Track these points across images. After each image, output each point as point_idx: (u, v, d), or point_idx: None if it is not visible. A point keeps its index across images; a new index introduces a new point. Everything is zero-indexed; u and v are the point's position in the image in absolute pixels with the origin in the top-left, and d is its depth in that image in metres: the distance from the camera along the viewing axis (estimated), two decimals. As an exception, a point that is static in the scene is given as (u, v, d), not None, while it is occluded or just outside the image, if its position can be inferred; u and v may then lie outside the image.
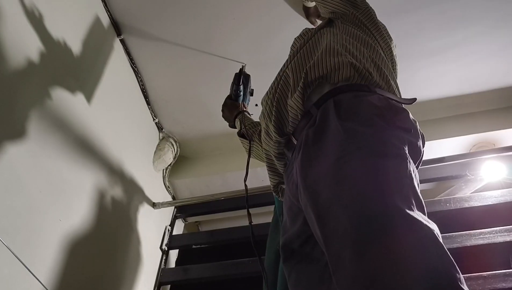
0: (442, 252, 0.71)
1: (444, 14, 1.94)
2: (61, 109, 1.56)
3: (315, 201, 0.87)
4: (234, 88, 1.65)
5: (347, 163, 0.84)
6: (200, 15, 1.98)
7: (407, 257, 0.69)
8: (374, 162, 0.83)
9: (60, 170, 1.52)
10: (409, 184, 0.82)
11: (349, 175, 0.83)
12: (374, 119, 0.91)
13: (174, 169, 2.65)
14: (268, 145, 1.25)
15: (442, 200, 2.05)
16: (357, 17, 1.24)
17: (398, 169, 0.83)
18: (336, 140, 0.90)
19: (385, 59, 1.15)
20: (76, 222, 1.56)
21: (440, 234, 0.77)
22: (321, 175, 0.88)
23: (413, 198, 0.79)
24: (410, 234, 0.72)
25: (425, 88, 2.34)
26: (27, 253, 1.28)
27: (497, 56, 2.15)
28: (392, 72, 1.15)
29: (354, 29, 1.21)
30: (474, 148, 2.39)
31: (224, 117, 1.73)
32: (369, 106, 0.95)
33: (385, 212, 0.75)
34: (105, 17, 1.94)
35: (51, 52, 1.56)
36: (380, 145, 0.86)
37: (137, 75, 2.22)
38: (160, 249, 2.31)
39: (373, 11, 1.30)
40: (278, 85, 1.20)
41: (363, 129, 0.89)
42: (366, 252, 0.72)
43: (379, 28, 1.25)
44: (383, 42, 1.23)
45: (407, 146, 0.89)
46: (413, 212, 0.74)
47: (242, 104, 1.67)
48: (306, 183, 0.92)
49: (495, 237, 1.80)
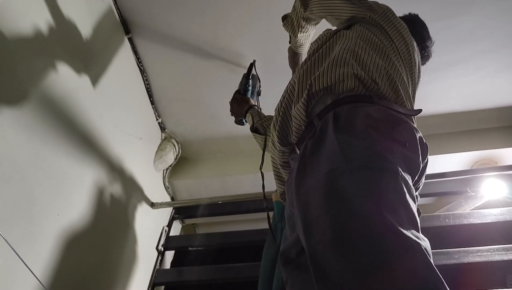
0: (429, 267, 0.70)
1: (452, 30, 1.95)
2: (64, 103, 1.57)
3: (304, 212, 0.87)
4: (244, 82, 1.66)
5: (337, 176, 0.84)
6: (207, 16, 2.00)
7: (394, 271, 0.68)
8: (364, 176, 0.82)
9: (61, 164, 1.52)
10: (399, 198, 0.81)
11: (338, 188, 0.82)
12: (369, 131, 0.90)
13: (175, 170, 2.65)
14: (273, 153, 1.25)
15: (441, 216, 2.04)
16: (375, 20, 1.21)
17: (388, 183, 0.82)
18: (330, 152, 0.90)
19: (397, 67, 1.12)
20: (74, 217, 1.56)
21: (430, 250, 0.76)
22: (312, 187, 0.88)
23: (404, 212, 0.78)
24: (397, 249, 0.71)
25: (430, 103, 2.35)
26: (23, 245, 1.27)
27: (502, 74, 2.15)
28: (403, 80, 1.12)
29: (370, 33, 1.18)
30: (476, 165, 2.38)
31: (233, 111, 1.70)
32: (365, 117, 0.93)
33: (372, 226, 0.74)
34: (114, 15, 1.96)
35: (58, 46, 1.56)
36: (372, 158, 0.85)
37: (143, 74, 2.22)
38: (156, 249, 2.30)
39: (391, 12, 1.25)
40: (286, 94, 1.20)
41: (356, 142, 0.89)
42: (350, 263, 0.71)
43: (399, 30, 1.20)
44: (403, 44, 1.19)
45: (401, 160, 0.88)
46: (401, 227, 0.74)
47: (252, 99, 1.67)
48: (299, 194, 0.92)
49: (492, 256, 1.79)
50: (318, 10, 1.32)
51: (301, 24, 1.41)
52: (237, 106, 1.66)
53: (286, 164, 1.21)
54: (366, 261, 0.70)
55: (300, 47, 1.55)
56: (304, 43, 1.52)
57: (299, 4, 1.37)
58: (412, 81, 1.21)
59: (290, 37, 1.54)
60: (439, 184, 2.31)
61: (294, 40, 1.50)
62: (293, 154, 1.15)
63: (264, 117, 1.51)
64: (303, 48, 1.55)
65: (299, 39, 1.48)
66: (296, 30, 1.44)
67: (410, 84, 1.19)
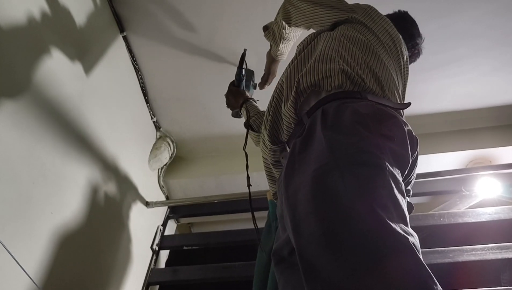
0: (418, 262, 0.70)
1: (448, 29, 1.96)
2: (58, 101, 1.55)
3: (293, 211, 0.87)
4: (237, 72, 1.68)
5: (325, 174, 0.83)
6: (203, 15, 1.99)
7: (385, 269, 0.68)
8: (351, 173, 0.82)
9: (54, 162, 1.51)
10: (387, 194, 0.80)
11: (326, 185, 0.82)
12: (355, 127, 0.90)
13: (169, 169, 2.64)
14: (264, 153, 1.25)
15: (436, 215, 2.05)
16: (357, 19, 1.22)
17: (376, 178, 0.82)
18: (318, 150, 0.90)
19: (384, 62, 1.13)
20: (68, 216, 1.55)
21: (419, 245, 0.76)
22: (301, 185, 0.88)
23: (393, 207, 0.78)
24: (388, 245, 0.71)
25: (425, 102, 2.35)
26: (16, 244, 1.26)
27: (497, 73, 2.16)
28: (391, 75, 1.12)
29: (355, 31, 1.18)
30: (471, 164, 2.39)
31: (229, 104, 1.71)
32: (352, 113, 0.93)
33: (361, 223, 0.74)
34: (109, 13, 1.95)
35: (51, 43, 1.55)
36: (359, 154, 0.85)
37: (138, 72, 2.21)
38: (150, 248, 2.30)
39: (373, 10, 1.26)
40: (275, 94, 1.20)
41: (343, 138, 0.88)
42: (341, 261, 0.71)
43: (382, 26, 1.21)
44: (389, 39, 1.20)
45: (390, 155, 0.88)
46: (391, 221, 0.74)
47: (247, 92, 1.68)
48: (288, 193, 0.92)
49: (486, 254, 1.80)
50: (303, 22, 1.36)
51: (283, 36, 1.46)
52: (232, 99, 1.67)
53: (278, 162, 1.21)
54: (357, 259, 0.70)
55: (281, 55, 1.59)
56: (284, 52, 1.57)
57: (281, 20, 1.41)
58: (401, 75, 1.22)
59: (271, 45, 1.58)
60: (434, 183, 2.32)
61: (276, 49, 1.54)
62: (284, 152, 1.16)
63: (258, 113, 1.51)
64: (283, 56, 1.61)
65: (280, 49, 1.53)
66: (278, 40, 1.48)
67: (398, 78, 1.19)
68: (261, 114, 1.49)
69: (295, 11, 1.36)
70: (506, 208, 2.02)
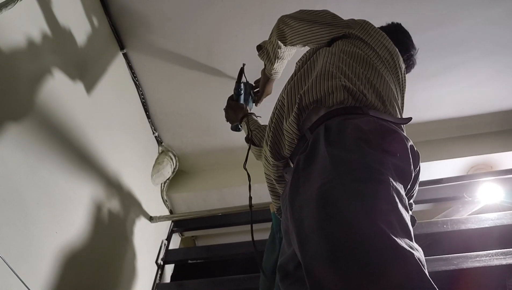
0: (424, 278, 0.71)
1: (445, 38, 1.97)
2: (60, 120, 1.57)
3: (299, 227, 0.88)
4: (235, 86, 1.69)
5: (329, 190, 0.84)
6: (201, 30, 2.01)
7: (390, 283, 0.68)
8: (356, 188, 0.83)
9: (58, 182, 1.52)
10: (391, 209, 0.81)
11: (331, 202, 0.83)
12: (358, 143, 0.91)
13: (172, 183, 2.65)
14: (267, 168, 1.26)
15: (439, 222, 2.05)
16: (354, 34, 1.24)
17: (380, 194, 0.83)
18: (322, 166, 0.91)
19: (384, 76, 1.14)
20: (72, 235, 1.56)
21: (424, 260, 0.77)
22: (306, 201, 0.89)
23: (397, 223, 0.79)
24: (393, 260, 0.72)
25: (424, 110, 2.36)
26: (21, 264, 1.27)
27: (495, 80, 2.18)
28: (391, 89, 1.13)
29: (353, 46, 1.20)
30: (472, 170, 2.40)
31: (228, 118, 1.72)
32: (354, 130, 0.94)
33: (366, 238, 0.74)
34: (109, 31, 1.97)
35: (52, 62, 1.57)
36: (362, 170, 0.86)
37: (138, 88, 2.24)
38: (155, 263, 2.30)
39: (369, 24, 1.27)
40: (275, 110, 1.21)
41: (346, 155, 0.89)
42: (347, 277, 0.72)
43: (379, 39, 1.22)
44: (386, 52, 1.21)
45: (393, 170, 0.89)
46: (395, 237, 0.74)
47: (246, 106, 1.69)
48: (293, 209, 0.93)
49: (491, 260, 1.79)
50: (299, 41, 1.35)
51: (277, 55, 1.47)
52: (232, 113, 1.69)
53: (281, 178, 1.22)
54: (363, 275, 0.70)
55: (275, 74, 1.60)
56: (279, 71, 1.58)
57: (275, 39, 1.42)
58: (399, 88, 1.23)
59: (265, 64, 1.59)
60: (436, 190, 2.31)
61: (270, 67, 1.55)
62: (288, 167, 1.16)
63: (259, 127, 1.52)
64: (278, 75, 1.61)
65: (275, 67, 1.54)
66: (273, 60, 1.49)
67: (397, 92, 1.20)
68: (262, 129, 1.50)
69: (290, 31, 1.36)
70: (508, 214, 2.01)
